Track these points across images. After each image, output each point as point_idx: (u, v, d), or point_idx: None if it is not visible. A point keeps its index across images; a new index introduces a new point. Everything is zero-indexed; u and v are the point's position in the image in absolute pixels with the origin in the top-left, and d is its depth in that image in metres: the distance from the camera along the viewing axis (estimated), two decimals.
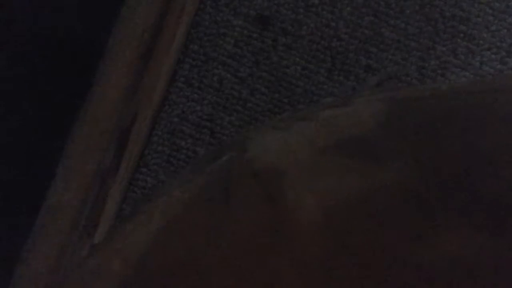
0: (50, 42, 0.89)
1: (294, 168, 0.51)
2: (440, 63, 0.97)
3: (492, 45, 0.97)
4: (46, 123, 0.91)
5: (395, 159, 0.50)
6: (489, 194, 0.48)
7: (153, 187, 0.96)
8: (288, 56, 0.98)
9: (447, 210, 0.48)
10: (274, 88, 0.97)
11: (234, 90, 0.98)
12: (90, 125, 0.95)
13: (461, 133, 0.51)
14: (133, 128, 0.96)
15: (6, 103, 0.85)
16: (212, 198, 0.52)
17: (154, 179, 0.96)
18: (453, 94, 0.55)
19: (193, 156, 0.97)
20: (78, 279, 0.53)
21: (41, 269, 0.91)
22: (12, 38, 0.83)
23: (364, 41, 0.97)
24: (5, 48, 0.83)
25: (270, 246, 0.49)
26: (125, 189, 0.96)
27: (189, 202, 0.52)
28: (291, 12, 0.98)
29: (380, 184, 0.49)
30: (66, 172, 0.93)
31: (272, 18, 0.98)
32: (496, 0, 0.98)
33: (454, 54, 0.97)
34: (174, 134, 0.97)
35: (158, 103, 0.97)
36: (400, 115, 0.53)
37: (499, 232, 0.47)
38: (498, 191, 0.48)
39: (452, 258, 0.47)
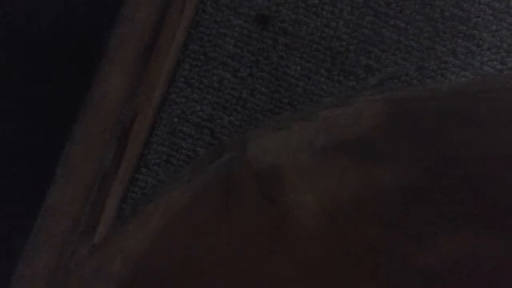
0: (49, 42, 0.89)
1: (294, 168, 0.51)
2: (440, 63, 0.97)
3: (492, 45, 0.97)
4: (46, 123, 0.91)
5: (395, 159, 0.50)
6: (489, 195, 0.48)
7: (153, 187, 0.96)
8: (288, 56, 0.98)
9: (447, 210, 0.48)
10: (274, 88, 0.97)
11: (234, 90, 0.98)
12: (90, 125, 0.95)
13: (461, 133, 0.51)
14: (133, 128, 0.96)
15: (6, 103, 0.85)
16: (212, 198, 0.52)
17: (154, 179, 0.96)
18: (453, 94, 0.55)
19: (193, 156, 0.97)
20: (78, 279, 0.53)
21: (41, 269, 0.91)
22: (11, 38, 0.83)
23: (364, 41, 0.97)
24: (4, 48, 0.83)
25: (270, 246, 0.49)
26: (125, 189, 0.96)
27: (189, 202, 0.52)
28: (291, 12, 0.98)
29: (380, 184, 0.49)
30: (66, 172, 0.93)
31: (272, 18, 0.98)
32: (496, 0, 0.98)
33: (454, 54, 0.97)
34: (174, 134, 0.97)
35: (158, 103, 0.97)
36: (400, 115, 0.53)
37: (499, 233, 0.47)
38: (498, 192, 0.48)
39: (452, 259, 0.47)
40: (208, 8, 0.99)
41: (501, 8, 0.98)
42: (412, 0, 0.98)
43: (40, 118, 0.90)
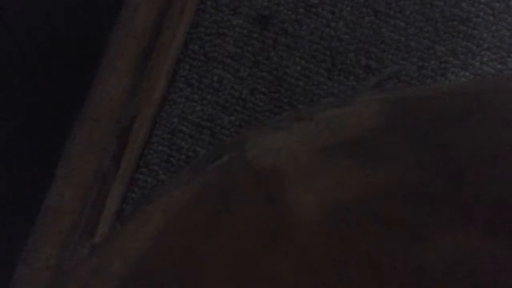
0: (50, 42, 0.89)
1: (294, 168, 0.51)
2: (440, 63, 0.97)
3: (492, 45, 0.97)
4: (46, 123, 0.91)
5: (395, 159, 0.50)
6: (489, 195, 0.48)
7: (153, 187, 0.96)
8: (288, 56, 0.98)
9: (447, 210, 0.48)
10: (274, 88, 0.97)
11: (234, 90, 0.98)
12: (90, 125, 0.95)
13: (461, 133, 0.51)
14: (133, 128, 0.96)
15: (6, 103, 0.85)
16: (212, 198, 0.52)
17: (154, 179, 0.96)
18: (453, 94, 0.55)
19: (193, 156, 0.97)
20: (78, 279, 0.53)
21: (41, 269, 0.91)
22: (11, 38, 0.83)
23: (364, 41, 0.97)
24: (4, 47, 0.83)
25: (270, 247, 0.49)
26: (125, 189, 0.96)
27: (189, 202, 0.52)
28: (291, 12, 0.98)
29: (380, 184, 0.49)
30: (66, 172, 0.93)
31: (272, 18, 0.98)
32: (496, 0, 0.98)
33: (454, 54, 0.97)
34: (174, 134, 0.97)
35: (158, 103, 0.97)
36: (400, 115, 0.53)
37: (499, 233, 0.47)
38: (498, 192, 0.48)
39: (452, 259, 0.47)
40: (208, 8, 0.99)
41: (501, 8, 0.98)
42: (412, 0, 0.98)
43: (40, 118, 0.90)
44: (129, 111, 0.95)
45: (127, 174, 0.96)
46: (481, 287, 0.47)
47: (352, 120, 0.53)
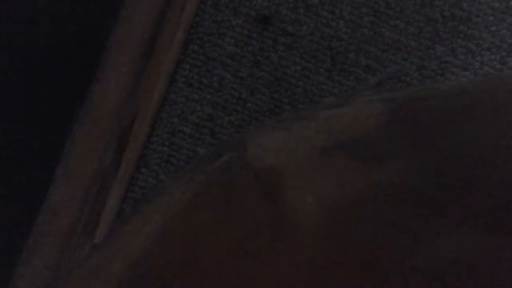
0: (50, 42, 0.89)
1: (294, 168, 0.51)
2: (440, 63, 0.97)
3: (492, 45, 0.97)
4: (46, 123, 0.91)
5: (395, 159, 0.50)
6: (489, 194, 0.48)
7: (153, 187, 0.96)
8: (288, 56, 0.98)
9: (447, 210, 0.48)
10: (274, 88, 0.97)
11: (234, 90, 0.98)
12: (90, 125, 0.95)
13: (461, 133, 0.51)
14: (133, 128, 0.96)
15: (6, 103, 0.85)
16: (212, 198, 0.52)
17: (154, 179, 0.96)
18: (453, 94, 0.55)
19: (193, 156, 0.97)
20: (78, 279, 0.53)
21: (41, 269, 0.91)
22: (12, 38, 0.83)
23: (364, 41, 0.97)
24: (5, 48, 0.83)
25: (270, 246, 0.49)
26: (125, 189, 0.96)
27: (189, 202, 0.52)
28: (291, 12, 0.98)
29: (379, 184, 0.49)
30: (66, 172, 0.93)
31: (272, 18, 0.98)
32: (496, 0, 0.98)
33: (454, 54, 0.97)
34: (174, 134, 0.97)
35: (158, 103, 0.97)
36: (400, 115, 0.53)
37: (499, 232, 0.47)
38: (498, 191, 0.48)
39: (452, 258, 0.47)
40: (208, 8, 0.99)
41: (501, 8, 0.98)
42: (412, 0, 0.98)
43: (40, 118, 0.90)
44: (129, 111, 0.95)
45: (127, 174, 0.96)
46: (481, 286, 0.47)
47: (352, 120, 0.53)
